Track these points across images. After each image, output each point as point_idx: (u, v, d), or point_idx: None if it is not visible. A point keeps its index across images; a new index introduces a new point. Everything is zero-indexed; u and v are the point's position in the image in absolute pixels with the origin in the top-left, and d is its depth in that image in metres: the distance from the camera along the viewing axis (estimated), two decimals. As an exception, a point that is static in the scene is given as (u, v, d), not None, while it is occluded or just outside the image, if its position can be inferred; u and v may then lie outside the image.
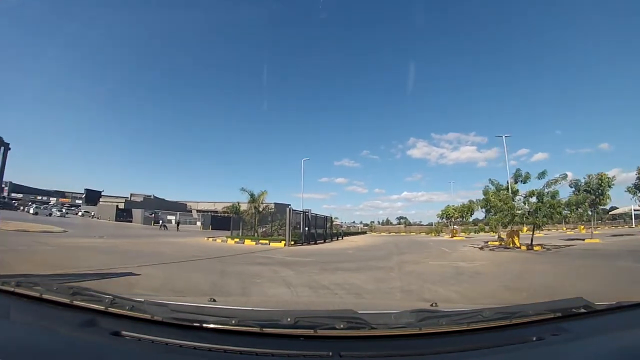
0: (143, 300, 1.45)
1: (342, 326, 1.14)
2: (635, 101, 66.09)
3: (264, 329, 1.14)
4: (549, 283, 7.38)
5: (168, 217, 50.06)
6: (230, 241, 21.39)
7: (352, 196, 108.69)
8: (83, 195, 66.76)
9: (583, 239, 22.45)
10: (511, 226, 18.14)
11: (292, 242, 19.76)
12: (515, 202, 17.36)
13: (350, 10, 78.99)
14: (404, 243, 25.50)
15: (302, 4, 77.28)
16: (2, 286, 1.45)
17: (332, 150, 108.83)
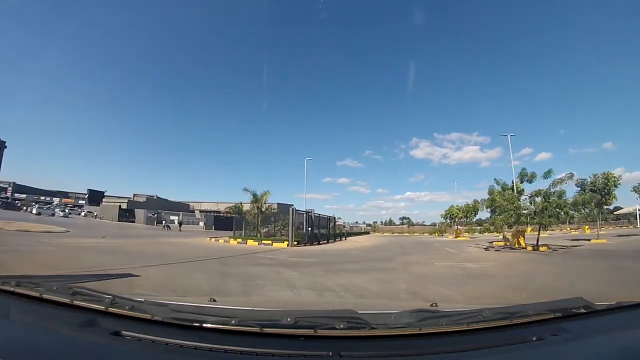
0: (143, 300, 1.45)
1: (342, 326, 1.14)
2: (638, 101, 65.64)
3: (264, 329, 1.14)
4: (565, 285, 7.10)
5: (171, 218, 50.14)
6: (232, 241, 21.34)
7: (355, 196, 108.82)
8: (86, 195, 66.95)
9: (589, 240, 22.24)
10: (516, 226, 17.94)
11: (295, 243, 19.63)
12: (520, 202, 17.20)
13: (350, 10, 79.12)
14: (408, 243, 25.39)
15: (302, 4, 77.45)
16: (2, 286, 1.44)
17: (335, 150, 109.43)
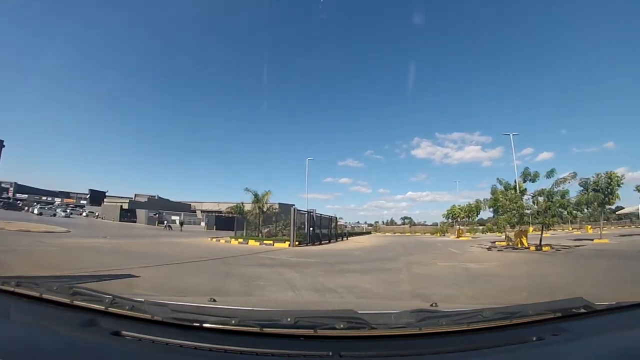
0: (143, 300, 1.45)
1: (342, 326, 1.14)
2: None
3: (264, 329, 1.14)
4: (572, 286, 6.96)
5: (172, 218, 50.12)
6: (234, 241, 21.28)
7: (356, 196, 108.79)
8: (87, 195, 67.14)
9: (592, 239, 22.15)
10: (519, 226, 17.83)
11: (297, 243, 19.54)
12: (523, 202, 17.08)
13: (350, 10, 78.96)
14: (410, 243, 25.31)
15: (302, 4, 77.33)
16: (2, 286, 1.44)
17: (336, 150, 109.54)
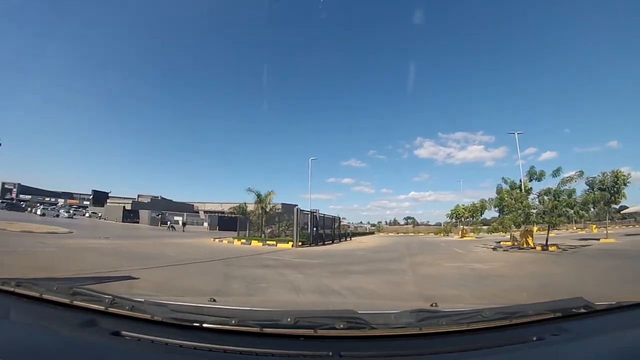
0: (143, 300, 1.44)
1: (342, 326, 1.14)
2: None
3: (264, 329, 1.13)
4: (582, 286, 6.71)
5: (175, 218, 50.12)
6: (236, 242, 21.21)
7: (359, 196, 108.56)
8: (90, 196, 67.39)
9: (597, 239, 21.88)
10: (525, 226, 17.62)
11: (300, 243, 19.41)
12: (529, 201, 16.87)
13: (351, 10, 78.72)
14: (414, 244, 25.15)
15: (302, 4, 77.20)
16: (2, 286, 1.44)
17: (339, 150, 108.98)
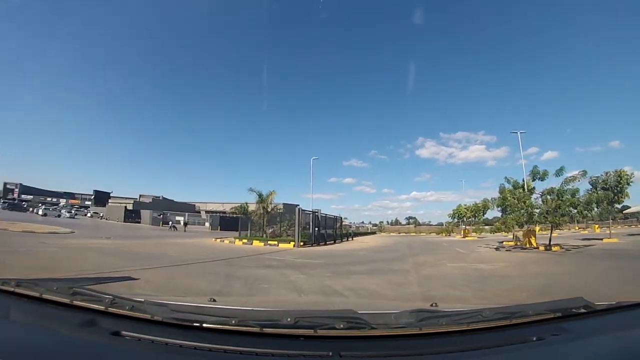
0: (143, 300, 1.44)
1: (342, 326, 1.14)
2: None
3: (264, 329, 1.13)
4: (588, 286, 6.57)
5: (177, 218, 50.16)
6: (238, 242, 21.16)
7: (361, 196, 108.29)
8: (92, 196, 67.44)
9: (601, 239, 21.77)
10: (528, 226, 17.50)
11: (302, 243, 19.34)
12: (532, 201, 16.77)
13: (351, 10, 78.67)
14: (416, 244, 25.04)
15: (302, 4, 77.13)
16: (2, 286, 1.44)
17: (340, 150, 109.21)
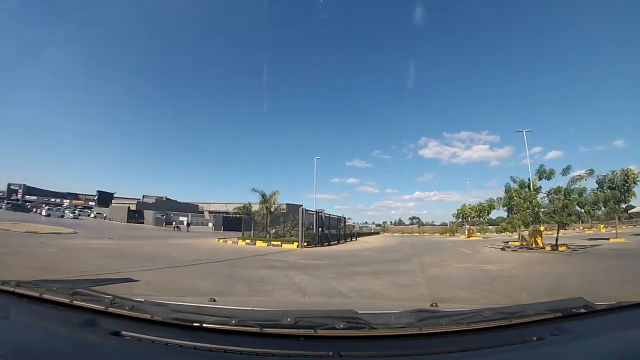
0: (143, 300, 1.44)
1: (342, 326, 1.14)
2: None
3: (264, 329, 1.13)
4: (596, 286, 6.30)
5: (180, 219, 50.29)
6: (241, 242, 21.11)
7: (364, 196, 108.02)
8: (95, 197, 67.68)
9: (607, 239, 21.46)
10: (534, 225, 17.29)
11: (305, 244, 19.22)
12: (538, 200, 16.58)
13: (351, 10, 78.47)
14: (420, 244, 24.87)
15: (302, 4, 76.99)
16: (2, 286, 1.44)
17: (344, 150, 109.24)
